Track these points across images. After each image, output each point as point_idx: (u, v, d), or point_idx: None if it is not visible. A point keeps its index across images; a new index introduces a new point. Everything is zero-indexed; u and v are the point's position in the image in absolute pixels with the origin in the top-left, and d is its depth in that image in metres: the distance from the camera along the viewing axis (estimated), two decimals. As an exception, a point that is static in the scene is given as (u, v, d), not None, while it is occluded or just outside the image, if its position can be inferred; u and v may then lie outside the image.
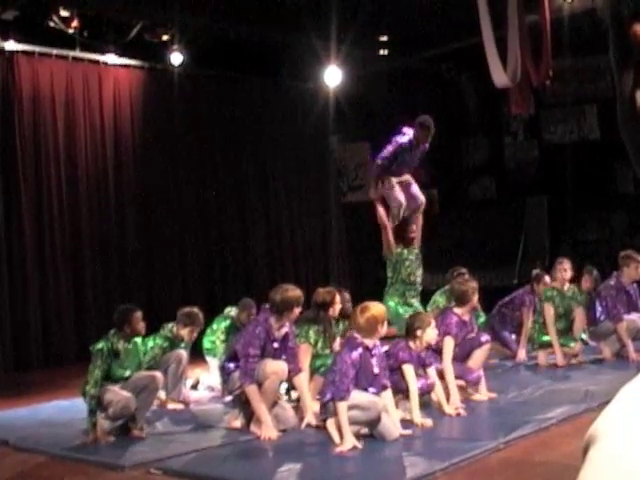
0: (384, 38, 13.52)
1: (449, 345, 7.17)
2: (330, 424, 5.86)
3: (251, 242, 14.00)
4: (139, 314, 6.87)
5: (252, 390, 6.27)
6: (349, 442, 5.63)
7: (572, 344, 8.93)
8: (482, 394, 7.40)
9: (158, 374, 6.91)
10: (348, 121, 14.79)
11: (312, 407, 6.57)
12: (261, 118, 14.00)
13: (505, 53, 8.61)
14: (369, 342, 5.95)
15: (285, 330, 6.55)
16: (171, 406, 7.86)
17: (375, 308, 6.06)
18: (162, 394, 7.98)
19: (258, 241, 14.09)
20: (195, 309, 8.16)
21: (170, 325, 8.14)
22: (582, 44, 11.64)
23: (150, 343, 7.92)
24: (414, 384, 6.44)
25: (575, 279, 9.27)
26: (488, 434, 5.90)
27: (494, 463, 5.30)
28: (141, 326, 6.89)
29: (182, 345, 8.08)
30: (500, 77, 8.71)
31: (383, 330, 6.04)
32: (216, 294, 13.02)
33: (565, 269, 9.08)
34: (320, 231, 15.09)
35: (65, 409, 8.08)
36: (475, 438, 5.79)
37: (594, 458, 0.82)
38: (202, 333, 8.63)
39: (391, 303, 8.78)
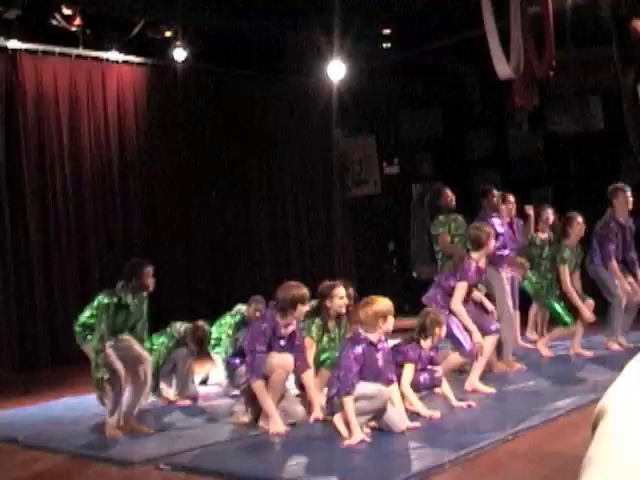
0: (387, 31, 13.50)
1: (462, 288, 7.25)
2: (337, 419, 5.87)
3: (256, 237, 14.02)
4: (150, 269, 6.84)
5: (258, 386, 6.28)
6: (357, 436, 5.64)
7: (588, 300, 8.85)
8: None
9: (146, 355, 6.81)
10: (352, 115, 14.78)
11: (319, 401, 6.57)
12: (265, 113, 14.01)
13: (508, 45, 8.60)
14: (373, 337, 5.93)
15: (292, 328, 6.54)
16: (180, 403, 7.88)
17: (378, 302, 6.02)
18: (171, 393, 8.00)
19: (263, 236, 14.11)
20: (203, 326, 8.07)
21: (178, 325, 8.14)
22: (585, 35, 11.61)
23: (159, 340, 7.95)
24: (407, 383, 6.47)
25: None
26: (496, 425, 5.90)
27: (502, 454, 5.31)
28: (150, 282, 6.85)
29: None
30: (503, 69, 8.70)
31: (386, 325, 5.96)
32: (222, 290, 13.04)
33: (579, 223, 8.82)
34: (325, 225, 15.09)
35: (74, 407, 8.11)
36: (483, 430, 5.80)
37: (603, 433, 0.83)
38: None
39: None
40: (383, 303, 6.05)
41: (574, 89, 13.29)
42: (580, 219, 8.83)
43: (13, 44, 11.05)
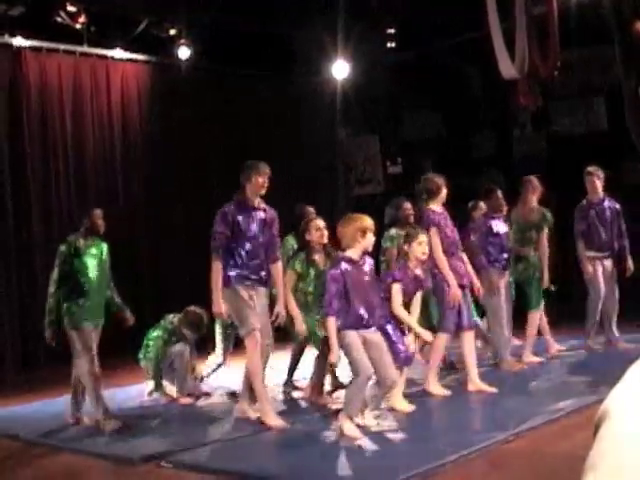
0: (391, 31, 13.49)
1: (435, 235, 7.29)
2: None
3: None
4: (99, 212, 7.22)
5: (216, 266, 6.53)
6: (336, 354, 5.89)
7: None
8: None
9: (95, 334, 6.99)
10: (355, 114, 14.77)
11: (290, 299, 7.03)
12: (268, 112, 13.99)
13: (512, 44, 8.59)
14: (353, 253, 6.05)
15: (265, 211, 6.82)
16: (182, 401, 7.88)
17: (357, 218, 6.18)
18: (174, 390, 8.00)
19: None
20: (201, 313, 8.07)
21: (171, 316, 8.17)
22: (590, 35, 11.58)
23: (153, 334, 7.98)
24: (398, 303, 6.71)
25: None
26: (498, 425, 5.90)
27: (504, 454, 5.31)
28: (100, 223, 7.19)
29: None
30: (507, 69, 8.69)
31: (365, 241, 6.06)
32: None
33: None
34: (328, 224, 15.05)
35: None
36: (485, 430, 5.80)
37: (605, 436, 0.83)
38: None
39: None
40: (362, 219, 6.17)
41: (578, 90, 13.28)
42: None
43: (18, 41, 11.05)
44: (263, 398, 6.54)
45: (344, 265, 6.00)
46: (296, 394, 7.96)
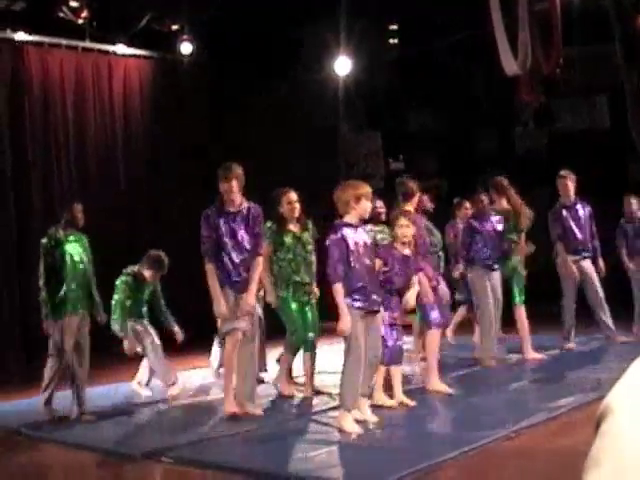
0: (394, 27, 13.47)
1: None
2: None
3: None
4: (79, 206, 7.38)
5: (209, 269, 6.83)
6: (346, 322, 5.79)
7: None
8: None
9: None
10: (358, 110, 14.76)
11: (264, 271, 7.21)
12: (269, 107, 13.97)
13: (515, 41, 8.59)
14: (350, 219, 6.09)
15: (247, 209, 6.87)
16: (172, 392, 7.89)
17: (352, 184, 6.30)
18: (176, 390, 7.99)
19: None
20: (162, 255, 8.41)
21: (133, 267, 8.35)
22: (593, 32, 11.57)
23: (117, 282, 8.16)
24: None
25: None
26: (499, 422, 5.90)
27: (505, 451, 5.31)
28: (79, 217, 7.35)
29: (146, 287, 8.26)
30: (510, 65, 8.69)
31: (360, 207, 6.09)
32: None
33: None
34: (330, 219, 15.05)
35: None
36: (486, 426, 5.80)
37: (607, 431, 0.82)
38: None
39: None
40: (358, 186, 6.24)
41: (581, 87, 13.27)
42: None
43: (20, 36, 11.04)
44: (228, 390, 6.80)
45: (344, 230, 6.02)
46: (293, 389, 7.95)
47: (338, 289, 5.87)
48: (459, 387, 7.37)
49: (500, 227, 8.78)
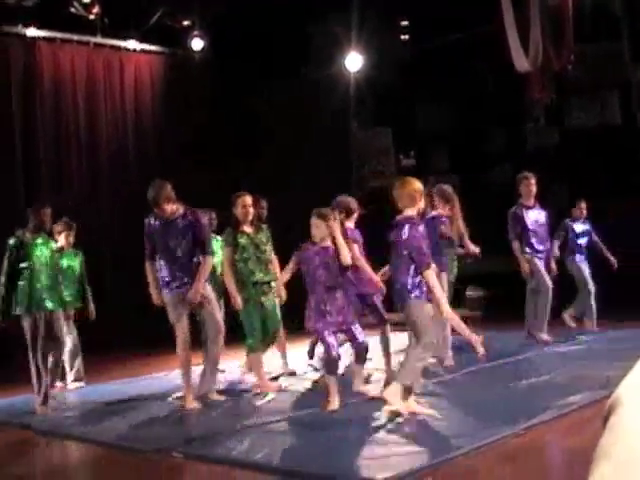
0: (405, 23, 13.46)
1: (355, 250, 7.39)
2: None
3: (270, 229, 13.98)
4: (48, 210, 7.49)
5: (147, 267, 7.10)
6: (448, 309, 6.10)
7: None
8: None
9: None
10: (368, 107, 14.74)
11: (228, 275, 7.55)
12: (281, 104, 13.97)
13: (527, 38, 8.57)
14: (412, 213, 6.19)
15: (183, 217, 7.08)
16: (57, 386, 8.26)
17: (412, 181, 6.37)
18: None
19: (277, 228, 14.07)
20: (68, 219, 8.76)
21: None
22: (604, 28, 11.53)
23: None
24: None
25: None
26: (508, 420, 5.89)
27: (515, 449, 5.30)
28: (47, 220, 7.50)
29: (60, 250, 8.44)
30: (521, 61, 8.68)
31: (422, 203, 6.29)
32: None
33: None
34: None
35: (86, 394, 8.17)
36: (495, 423, 5.79)
37: (615, 425, 0.83)
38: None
39: None
40: (417, 182, 6.37)
41: (592, 83, 13.22)
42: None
43: (31, 32, 11.08)
44: (187, 385, 7.07)
45: (418, 224, 6.14)
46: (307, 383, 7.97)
47: (431, 276, 6.00)
48: (469, 384, 7.36)
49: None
